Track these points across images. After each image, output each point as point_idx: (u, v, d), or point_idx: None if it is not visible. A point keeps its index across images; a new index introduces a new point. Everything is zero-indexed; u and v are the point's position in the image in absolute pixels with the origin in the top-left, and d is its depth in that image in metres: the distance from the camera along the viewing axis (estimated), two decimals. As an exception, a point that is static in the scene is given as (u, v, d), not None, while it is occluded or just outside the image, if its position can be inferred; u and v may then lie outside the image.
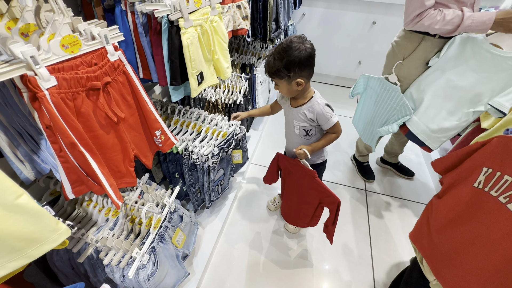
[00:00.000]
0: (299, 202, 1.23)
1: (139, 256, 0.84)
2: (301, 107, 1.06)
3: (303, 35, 0.95)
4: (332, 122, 1.06)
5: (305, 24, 2.70)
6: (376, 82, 1.40)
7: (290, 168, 1.14)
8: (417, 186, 1.89)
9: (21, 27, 0.55)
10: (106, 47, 0.64)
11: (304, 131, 1.10)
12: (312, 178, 1.07)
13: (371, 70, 2.71)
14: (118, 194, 0.73)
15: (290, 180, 1.20)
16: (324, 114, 1.04)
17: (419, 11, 1.05)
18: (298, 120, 1.09)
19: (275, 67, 0.94)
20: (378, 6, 2.38)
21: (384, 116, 1.43)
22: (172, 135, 0.94)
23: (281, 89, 1.03)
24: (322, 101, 1.06)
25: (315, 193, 1.11)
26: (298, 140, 1.15)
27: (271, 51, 0.97)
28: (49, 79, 0.53)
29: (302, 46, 0.91)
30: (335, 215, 1.08)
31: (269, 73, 0.99)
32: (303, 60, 0.91)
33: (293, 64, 0.92)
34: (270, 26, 1.61)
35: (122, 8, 0.91)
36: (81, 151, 0.60)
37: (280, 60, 0.92)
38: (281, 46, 0.93)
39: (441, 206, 0.80)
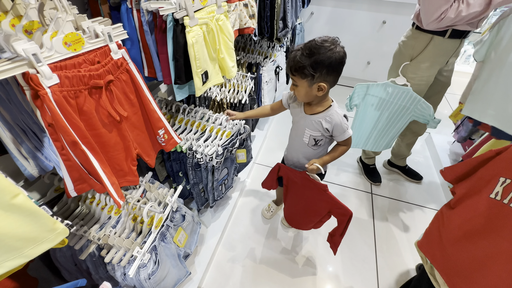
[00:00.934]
0: (305, 210, 1.18)
1: (140, 255, 0.84)
2: (316, 115, 0.99)
3: (337, 38, 0.88)
4: (348, 134, 1.00)
5: (313, 23, 2.67)
6: (379, 89, 1.35)
7: (296, 178, 1.09)
8: (425, 190, 1.85)
9: (25, 24, 0.55)
10: (109, 45, 0.64)
11: (314, 141, 1.04)
12: (323, 192, 1.01)
13: (380, 71, 2.68)
14: (120, 193, 0.72)
15: (295, 189, 1.14)
16: (342, 125, 0.98)
17: (445, 7, 1.01)
18: (311, 129, 1.02)
19: (301, 62, 0.86)
20: (388, 5, 2.33)
21: (395, 118, 1.39)
22: (176, 134, 0.94)
23: (299, 91, 0.95)
24: (341, 112, 1.00)
25: (325, 205, 1.06)
26: (305, 150, 1.10)
27: (299, 45, 0.89)
28: (51, 77, 0.52)
29: (335, 48, 0.84)
30: (344, 227, 1.03)
31: (291, 68, 0.90)
32: (333, 62, 0.85)
33: (322, 64, 0.85)
34: (277, 25, 1.59)
35: (128, 6, 0.91)
36: (83, 150, 0.60)
37: (309, 56, 0.85)
38: (312, 42, 0.86)
39: (454, 217, 0.76)
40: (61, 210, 0.94)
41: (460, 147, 2.02)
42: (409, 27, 1.31)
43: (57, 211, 0.93)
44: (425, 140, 2.26)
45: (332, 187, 1.85)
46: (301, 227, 1.35)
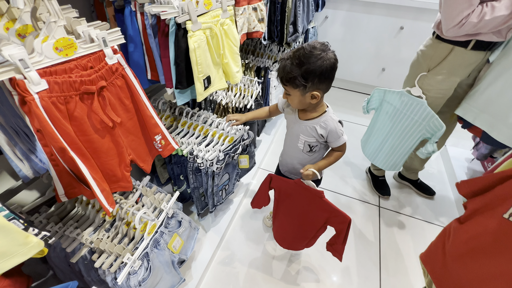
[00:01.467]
0: (299, 224, 1.13)
1: (130, 261, 0.83)
2: (311, 121, 0.98)
3: (327, 43, 0.86)
4: (343, 140, 0.99)
5: (327, 27, 2.61)
6: (395, 96, 1.28)
7: (289, 189, 1.04)
8: (437, 207, 1.74)
9: (19, 28, 0.54)
10: (104, 50, 0.63)
11: (309, 147, 1.02)
12: (319, 199, 0.98)
13: (395, 78, 2.58)
14: (110, 200, 0.71)
15: (289, 202, 1.09)
16: (337, 131, 0.96)
17: (467, 12, 0.93)
18: (305, 135, 1.01)
19: (291, 73, 0.84)
20: (407, 11, 2.24)
21: (407, 133, 1.31)
22: (174, 139, 0.92)
23: (292, 100, 0.94)
24: (335, 117, 0.98)
25: (322, 214, 1.02)
26: (300, 156, 1.07)
27: (288, 53, 0.86)
28: (39, 83, 0.51)
29: (325, 55, 0.82)
30: (345, 235, 1.00)
31: (282, 79, 0.89)
32: (324, 71, 0.83)
33: (313, 73, 0.83)
34: (287, 30, 1.55)
35: (131, 9, 0.90)
36: (71, 156, 0.59)
37: (299, 66, 0.82)
38: (302, 50, 0.83)
39: (461, 232, 0.72)
40: (58, 210, 0.94)
41: (479, 164, 1.90)
42: (428, 35, 1.24)
43: (54, 210, 0.94)
44: (441, 152, 2.15)
45: (337, 197, 1.79)
46: (294, 247, 1.29)
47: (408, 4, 2.18)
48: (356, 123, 2.47)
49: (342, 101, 2.74)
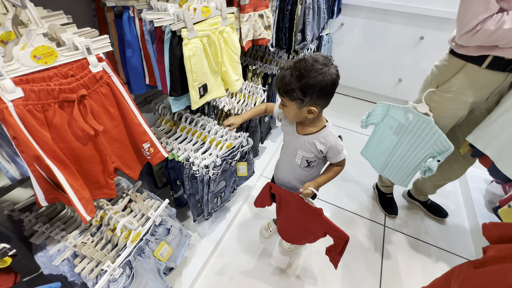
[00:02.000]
0: (299, 228, 1.12)
1: (109, 269, 0.82)
2: (310, 136, 0.94)
3: (330, 57, 0.82)
4: (342, 156, 0.95)
5: (343, 34, 2.53)
6: (400, 112, 1.21)
7: (288, 198, 1.03)
8: (450, 232, 1.62)
9: (1, 34, 0.55)
10: (88, 58, 0.62)
11: (306, 162, 0.98)
12: (318, 216, 0.96)
13: (412, 90, 2.45)
14: (89, 208, 0.70)
15: (288, 208, 1.09)
16: (337, 147, 0.92)
17: (483, 16, 0.83)
18: (304, 150, 0.96)
19: (290, 85, 0.80)
20: (429, 20, 2.12)
21: (414, 148, 1.23)
22: (163, 147, 0.90)
23: (288, 112, 0.90)
24: (335, 132, 0.94)
25: (320, 227, 1.01)
26: (296, 171, 1.03)
27: (289, 63, 0.82)
28: (13, 91, 0.51)
29: (327, 71, 0.78)
30: (341, 249, 0.98)
31: (280, 89, 0.85)
32: (324, 86, 0.79)
33: (312, 88, 0.78)
34: (296, 37, 1.51)
35: (130, 14, 0.90)
36: (47, 164, 0.58)
37: (298, 79, 0.78)
38: (303, 62, 0.79)
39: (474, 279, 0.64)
40: (48, 210, 0.96)
41: (500, 188, 1.75)
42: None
43: (45, 210, 0.95)
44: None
45: (340, 212, 1.71)
46: (295, 242, 1.30)
47: (430, 14, 2.07)
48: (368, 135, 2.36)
49: (354, 111, 2.64)
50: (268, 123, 1.89)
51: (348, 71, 2.68)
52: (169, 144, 1.25)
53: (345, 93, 2.85)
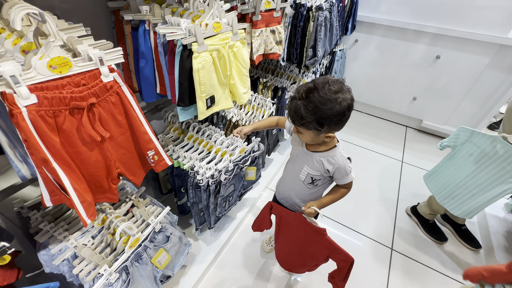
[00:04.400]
0: (299, 252, 1.07)
1: (106, 273, 0.83)
2: (319, 154, 0.92)
3: (342, 80, 0.79)
4: (350, 178, 0.92)
5: (358, 51, 2.53)
6: (485, 140, 1.15)
7: (289, 219, 1.00)
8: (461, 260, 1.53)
9: (23, 45, 0.59)
10: (100, 69, 0.65)
11: (311, 179, 0.96)
12: (321, 236, 0.92)
13: (426, 109, 2.40)
14: (91, 211, 0.72)
15: (288, 230, 1.05)
16: (345, 168, 0.90)
17: None
18: (310, 167, 0.94)
19: (305, 118, 0.77)
20: (446, 40, 2.09)
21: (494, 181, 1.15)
22: (167, 156, 0.92)
23: (304, 138, 0.88)
24: (345, 154, 0.91)
25: (323, 249, 0.96)
26: (299, 187, 1.01)
27: (300, 91, 0.79)
28: (28, 97, 0.55)
29: (342, 98, 0.75)
30: (346, 273, 0.93)
31: (294, 121, 0.82)
32: (341, 114, 0.77)
33: (329, 119, 0.77)
34: (307, 53, 1.53)
35: (145, 28, 0.94)
36: (53, 167, 0.61)
37: (313, 112, 0.76)
38: (316, 94, 0.75)
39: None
40: (54, 210, 0.99)
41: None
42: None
43: (51, 210, 0.99)
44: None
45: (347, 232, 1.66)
46: (294, 270, 1.23)
47: (447, 33, 2.04)
48: (378, 152, 2.31)
49: (366, 127, 2.60)
50: (276, 135, 1.90)
51: (361, 87, 2.67)
52: (176, 152, 1.28)
53: (357, 109, 2.82)
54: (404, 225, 1.71)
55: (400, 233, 1.67)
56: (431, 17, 2.06)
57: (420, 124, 2.53)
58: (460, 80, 2.16)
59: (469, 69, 2.08)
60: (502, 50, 1.92)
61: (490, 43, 1.91)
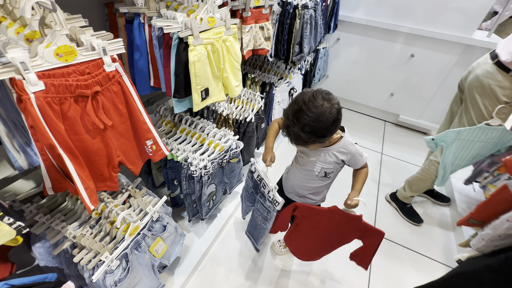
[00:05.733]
0: (325, 243, 1.09)
1: (107, 260, 0.85)
2: (329, 148, 0.96)
3: (319, 90, 0.84)
4: (365, 159, 0.98)
5: (339, 49, 2.65)
6: (472, 132, 1.32)
7: (316, 216, 0.99)
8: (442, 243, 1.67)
9: (28, 33, 0.60)
10: (103, 58, 0.68)
11: (324, 173, 1.01)
12: (357, 222, 0.94)
13: (403, 104, 2.57)
14: (93, 198, 0.74)
15: (314, 226, 1.03)
16: (358, 153, 0.96)
17: None
18: (323, 162, 0.98)
19: (309, 141, 0.84)
20: (421, 40, 2.25)
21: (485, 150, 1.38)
22: (165, 146, 0.95)
23: (313, 147, 0.95)
24: (352, 141, 0.97)
25: (355, 233, 0.99)
26: (313, 182, 1.05)
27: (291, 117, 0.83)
28: (36, 84, 0.56)
29: (327, 106, 0.80)
30: (376, 248, 0.98)
31: (299, 145, 0.89)
32: (335, 120, 0.82)
33: (327, 130, 0.82)
34: (293, 49, 1.60)
35: (140, 20, 0.96)
36: (59, 153, 0.63)
37: (312, 132, 0.81)
38: (306, 116, 0.80)
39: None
40: (49, 202, 0.99)
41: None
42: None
43: (46, 202, 0.98)
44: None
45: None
46: (315, 258, 1.23)
47: (420, 34, 2.20)
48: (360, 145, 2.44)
49: (348, 122, 2.74)
50: (264, 129, 1.96)
51: (342, 83, 2.80)
52: (169, 145, 1.30)
53: (339, 105, 2.96)
54: (385, 211, 1.84)
55: (381, 218, 1.79)
56: (406, 18, 2.22)
57: (397, 118, 2.70)
58: (432, 77, 2.34)
59: (439, 67, 2.26)
60: (467, 49, 2.11)
61: (457, 43, 2.09)
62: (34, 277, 0.80)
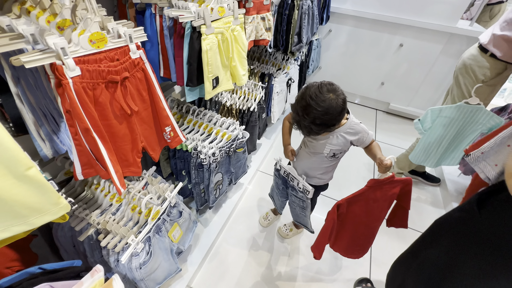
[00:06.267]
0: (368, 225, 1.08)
1: (134, 243, 0.88)
2: (337, 130, 1.01)
3: (323, 82, 0.89)
4: (372, 135, 1.04)
5: (331, 40, 2.72)
6: (452, 110, 1.39)
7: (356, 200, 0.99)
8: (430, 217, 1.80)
9: (59, 21, 0.62)
10: (129, 46, 0.70)
11: (333, 154, 1.06)
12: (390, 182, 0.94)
13: (393, 93, 2.69)
14: (122, 181, 0.78)
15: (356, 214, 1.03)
16: (364, 130, 1.02)
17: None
18: (332, 144, 1.03)
19: (320, 131, 0.91)
20: (408, 29, 2.36)
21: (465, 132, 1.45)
22: (182, 133, 0.99)
23: (323, 135, 1.01)
24: (357, 121, 1.03)
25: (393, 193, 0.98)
26: (322, 162, 1.11)
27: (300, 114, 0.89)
28: (74, 69, 0.59)
29: (333, 97, 0.85)
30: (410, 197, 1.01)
31: (310, 136, 0.96)
32: (341, 109, 0.87)
33: (335, 119, 0.89)
34: (292, 39, 1.65)
35: (152, 11, 0.98)
36: (93, 137, 0.66)
37: (323, 124, 0.88)
38: (315, 111, 0.85)
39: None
40: (68, 193, 1.00)
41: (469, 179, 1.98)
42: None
43: (64, 192, 1.00)
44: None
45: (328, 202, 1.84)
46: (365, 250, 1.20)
47: (408, 24, 2.31)
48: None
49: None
50: (265, 119, 2.01)
51: (335, 74, 2.89)
52: (178, 134, 1.33)
53: (332, 95, 3.05)
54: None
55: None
56: (394, 8, 2.32)
57: (388, 106, 2.83)
58: (420, 65, 2.46)
59: (426, 55, 2.39)
60: (452, 38, 2.23)
61: (443, 32, 2.21)
62: (62, 263, 0.83)
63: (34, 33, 0.57)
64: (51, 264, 0.76)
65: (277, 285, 1.38)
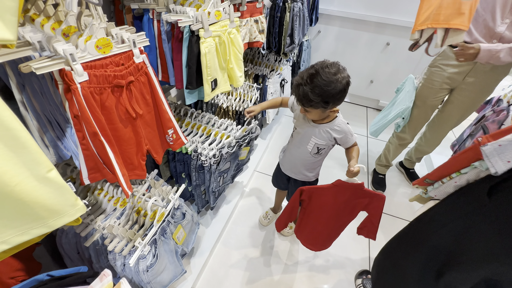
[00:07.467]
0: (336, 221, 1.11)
1: (141, 246, 0.89)
2: (325, 125, 1.04)
3: (338, 62, 0.92)
4: (354, 138, 1.07)
5: (320, 41, 2.79)
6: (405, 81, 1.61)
7: (322, 194, 1.03)
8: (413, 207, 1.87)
9: (64, 28, 0.63)
10: (133, 50, 0.72)
11: (317, 149, 1.09)
12: (360, 190, 0.98)
13: (382, 90, 2.77)
14: (129, 185, 0.78)
15: (322, 206, 1.06)
16: (350, 131, 1.05)
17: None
18: (317, 137, 1.06)
19: (313, 100, 0.91)
20: (393, 29, 2.44)
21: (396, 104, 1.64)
22: (183, 135, 1.00)
23: (311, 116, 1.01)
24: (345, 120, 1.07)
25: (361, 202, 1.01)
26: (305, 157, 1.14)
27: (304, 77, 0.91)
28: (82, 74, 0.60)
29: (340, 77, 0.88)
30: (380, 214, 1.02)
31: (303, 104, 0.95)
32: (342, 91, 0.90)
33: (333, 97, 0.90)
34: (285, 41, 1.69)
35: (149, 16, 1.00)
36: (101, 140, 0.67)
37: (320, 94, 0.89)
38: (319, 78, 0.87)
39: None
40: (70, 199, 1.00)
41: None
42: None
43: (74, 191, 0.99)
44: (425, 159, 2.31)
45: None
46: (326, 245, 1.24)
47: (393, 23, 2.39)
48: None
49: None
50: (261, 120, 2.04)
51: (326, 74, 2.95)
52: (177, 137, 1.34)
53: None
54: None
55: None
56: (380, 9, 2.40)
57: (378, 103, 2.91)
58: (406, 63, 2.55)
59: (412, 53, 2.45)
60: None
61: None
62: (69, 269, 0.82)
63: (41, 40, 0.58)
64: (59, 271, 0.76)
65: (280, 282, 1.41)
